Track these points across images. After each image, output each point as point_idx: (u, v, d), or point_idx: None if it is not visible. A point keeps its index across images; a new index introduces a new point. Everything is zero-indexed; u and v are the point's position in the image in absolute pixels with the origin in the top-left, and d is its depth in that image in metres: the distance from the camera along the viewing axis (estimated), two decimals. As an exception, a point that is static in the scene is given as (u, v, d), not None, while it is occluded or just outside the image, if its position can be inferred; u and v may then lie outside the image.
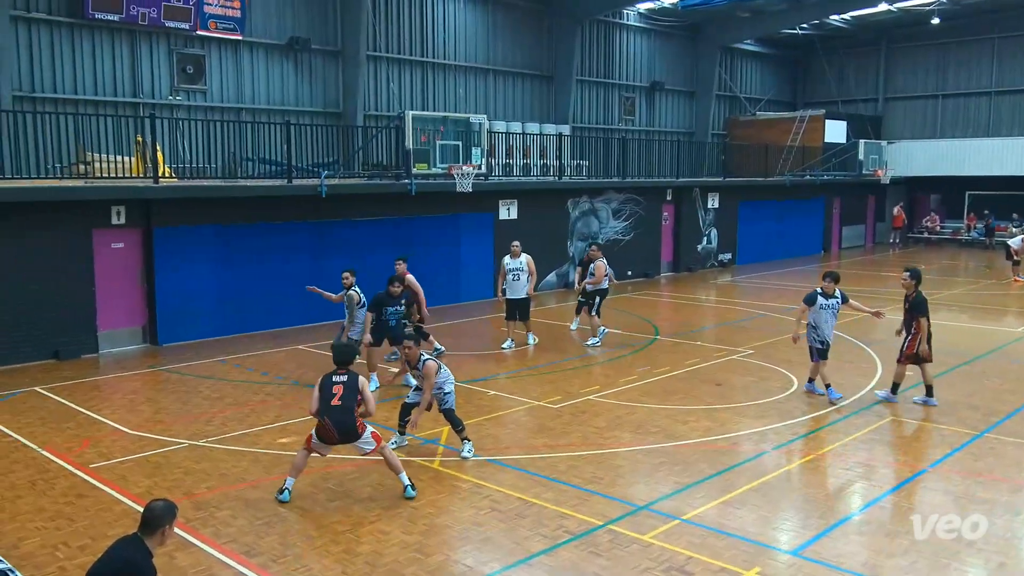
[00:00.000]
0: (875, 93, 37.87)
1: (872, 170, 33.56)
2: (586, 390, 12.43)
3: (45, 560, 7.02)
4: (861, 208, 36.79)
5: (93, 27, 18.14)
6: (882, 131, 37.25)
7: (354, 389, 8.24)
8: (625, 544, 7.31)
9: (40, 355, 14.27)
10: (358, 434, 8.26)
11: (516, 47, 26.99)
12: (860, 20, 34.22)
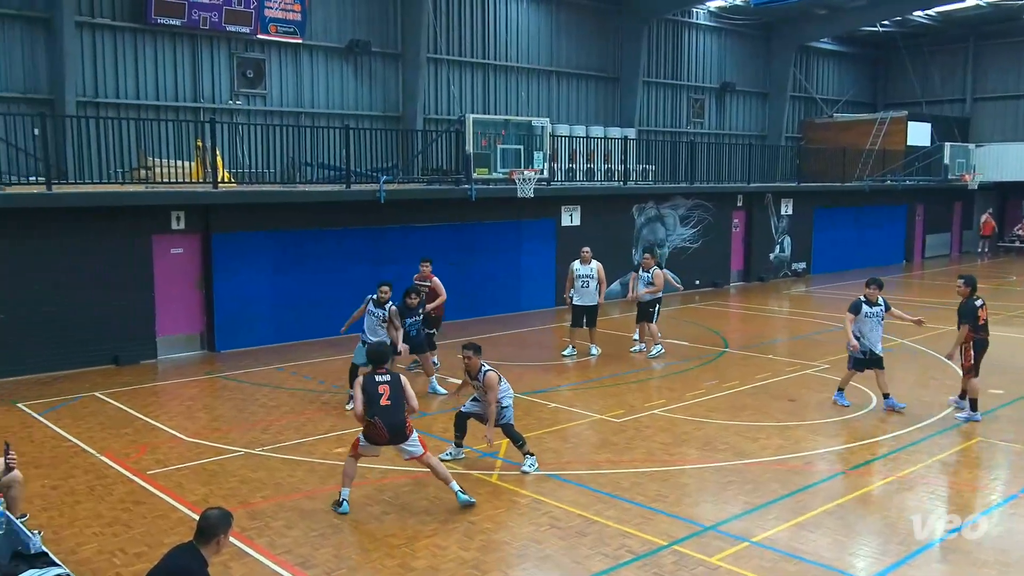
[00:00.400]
0: (962, 93, 36.82)
1: (959, 175, 32.56)
2: (650, 404, 12.32)
3: (102, 566, 7.22)
4: (946, 215, 35.78)
5: (155, 32, 18.71)
6: (970, 133, 36.18)
7: (399, 387, 8.34)
8: (691, 566, 7.21)
9: (100, 360, 14.72)
10: (407, 435, 8.34)
11: (580, 48, 26.98)
12: (946, 16, 33.31)
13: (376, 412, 8.26)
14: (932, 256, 34.49)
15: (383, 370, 8.44)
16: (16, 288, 13.88)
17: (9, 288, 13.82)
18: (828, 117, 35.44)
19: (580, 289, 15.51)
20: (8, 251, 13.82)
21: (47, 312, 14.15)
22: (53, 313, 14.20)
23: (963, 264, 32.92)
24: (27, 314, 13.99)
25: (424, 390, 12.65)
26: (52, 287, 14.18)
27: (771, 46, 33.00)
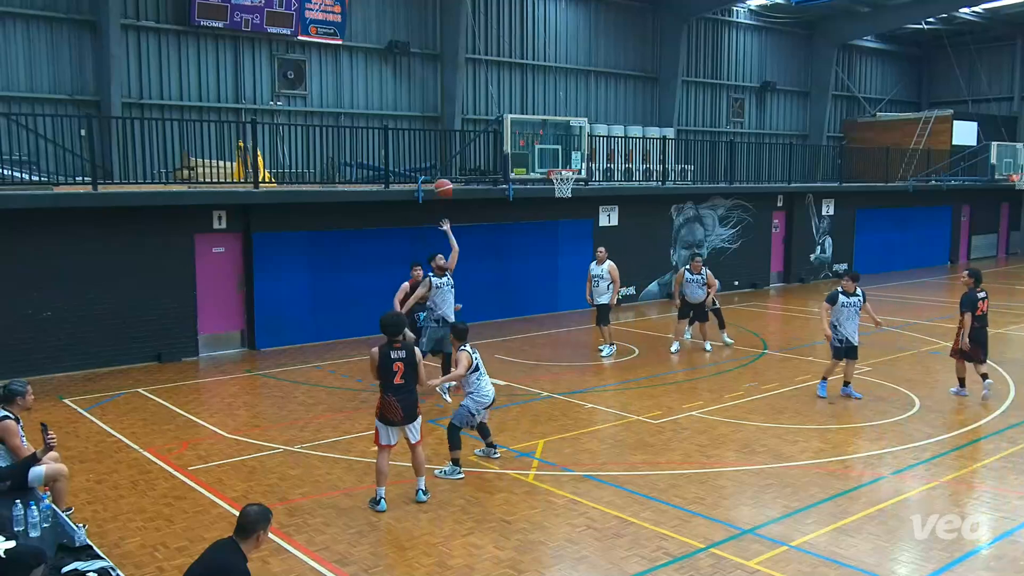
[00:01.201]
0: (1010, 91, 36.05)
1: (1006, 175, 31.87)
2: (688, 405, 12.24)
3: (144, 560, 7.34)
4: (993, 216, 35.09)
5: (199, 34, 18.98)
6: (1017, 132, 35.41)
7: (413, 366, 8.40)
8: (728, 569, 7.15)
9: (143, 357, 14.99)
10: (417, 415, 8.48)
11: (619, 47, 26.88)
12: (993, 13, 32.62)
13: (390, 390, 8.32)
14: (978, 257, 33.82)
15: (399, 344, 8.40)
16: (62, 286, 14.17)
17: (56, 286, 14.12)
18: (871, 116, 34.91)
19: (594, 288, 15.77)
20: (54, 250, 14.11)
21: (92, 310, 14.44)
22: (97, 311, 14.49)
23: (1010, 266, 32.26)
24: (72, 312, 14.29)
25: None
26: (97, 285, 14.46)
27: (813, 44, 32.60)
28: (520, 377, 13.97)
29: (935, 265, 31.34)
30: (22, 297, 13.92)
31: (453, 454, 9.49)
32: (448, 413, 10.46)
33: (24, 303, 13.94)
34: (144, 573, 7.13)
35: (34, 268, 13.96)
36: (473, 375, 9.57)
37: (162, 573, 7.12)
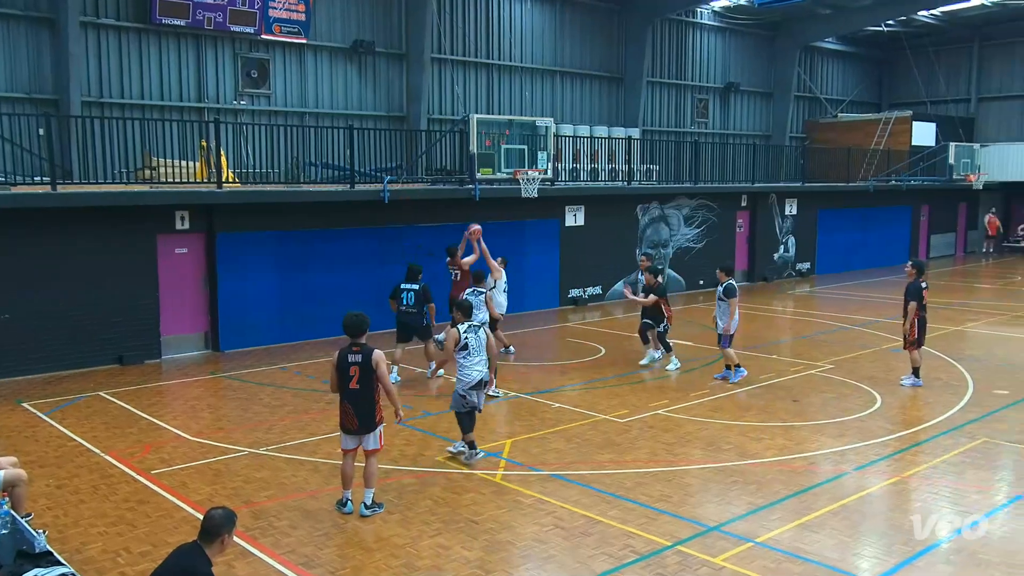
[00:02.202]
0: (967, 93, 36.76)
1: (963, 175, 32.51)
2: (654, 404, 12.32)
3: (107, 565, 7.24)
4: (951, 215, 35.74)
5: (160, 32, 18.74)
6: (975, 133, 36.11)
7: (370, 372, 8.11)
8: (695, 567, 7.21)
9: (105, 360, 14.76)
10: (375, 424, 8.21)
11: (584, 48, 26.98)
12: (951, 16, 33.24)
13: (346, 395, 8.18)
14: (937, 256, 34.44)
15: (358, 347, 8.19)
16: (21, 288, 13.92)
17: (14, 288, 13.86)
18: (832, 117, 35.39)
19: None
20: (13, 251, 13.85)
21: (52, 312, 14.20)
22: (58, 313, 14.26)
23: (968, 264, 32.88)
24: (32, 314, 14.04)
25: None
26: (57, 287, 14.22)
27: (775, 46, 32.98)
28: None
29: (895, 264, 31.79)
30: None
31: (465, 437, 9.65)
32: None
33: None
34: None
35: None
36: (461, 354, 9.64)
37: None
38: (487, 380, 9.95)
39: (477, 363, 9.75)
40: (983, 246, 35.97)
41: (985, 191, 34.44)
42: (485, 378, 9.86)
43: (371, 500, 8.33)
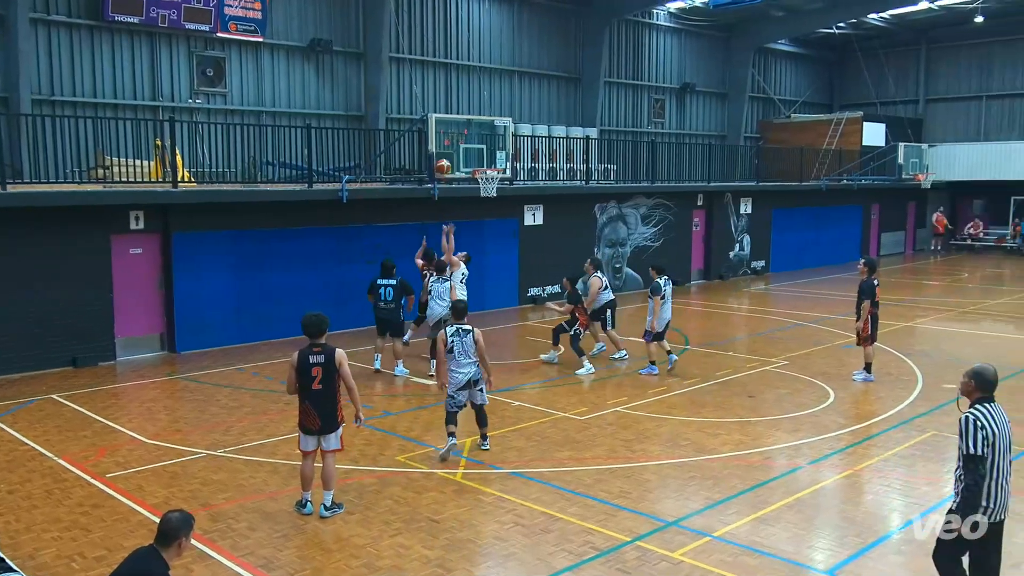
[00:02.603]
0: (915, 94, 37.51)
1: (912, 174, 33.18)
2: (613, 401, 12.39)
3: (61, 571, 7.09)
4: (901, 214, 36.44)
5: (113, 29, 18.40)
6: (923, 134, 36.87)
7: (332, 372, 8.05)
8: (654, 562, 7.26)
9: (57, 362, 14.46)
10: (336, 425, 8.15)
11: (542, 48, 27.03)
12: (899, 19, 33.91)
13: (308, 396, 8.09)
14: (887, 254, 35.09)
15: (319, 348, 8.11)
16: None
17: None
18: (786, 117, 35.89)
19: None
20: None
21: (1, 314, 13.87)
22: (8, 315, 13.92)
23: (917, 262, 33.55)
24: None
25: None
26: (7, 288, 13.89)
27: (730, 47, 33.34)
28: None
29: (847, 262, 32.35)
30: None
31: (447, 428, 9.91)
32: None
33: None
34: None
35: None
36: (449, 356, 9.84)
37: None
38: (476, 379, 10.00)
39: (464, 365, 9.87)
40: (931, 244, 36.73)
41: (933, 190, 35.19)
42: (474, 378, 9.95)
43: (331, 501, 8.26)
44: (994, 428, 5.81)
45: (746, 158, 31.40)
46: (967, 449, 5.80)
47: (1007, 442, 5.89)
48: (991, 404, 5.93)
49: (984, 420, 5.82)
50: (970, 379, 6.04)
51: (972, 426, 5.80)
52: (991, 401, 5.95)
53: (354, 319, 17.73)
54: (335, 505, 8.28)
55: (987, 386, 5.97)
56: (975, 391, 6.00)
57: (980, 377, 5.99)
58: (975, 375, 6.01)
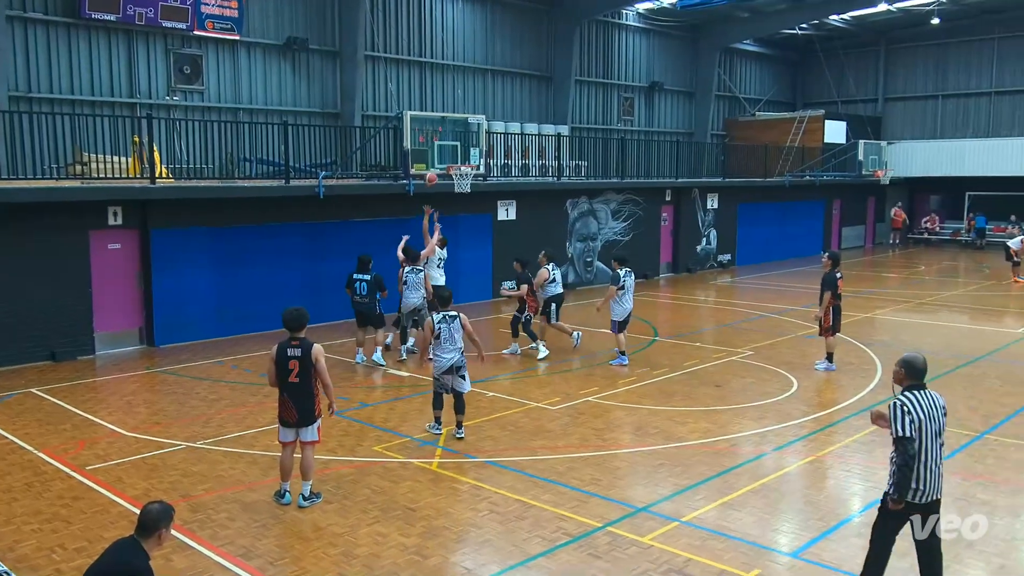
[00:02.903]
0: (875, 94, 37.93)
1: (872, 171, 33.58)
2: (584, 391, 12.43)
3: (41, 563, 7.01)
4: (861, 209, 36.84)
5: (90, 27, 18.13)
6: (882, 131, 37.31)
7: (308, 366, 8.00)
8: (624, 546, 7.30)
9: (36, 356, 14.26)
10: (314, 417, 8.13)
11: (514, 47, 27.00)
12: (859, 20, 34.27)
13: (285, 389, 8.08)
14: (848, 247, 35.46)
15: (297, 341, 8.09)
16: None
17: (-60, 285, 13.29)
18: (751, 116, 36.15)
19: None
20: (-61, 248, 13.28)
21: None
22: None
23: (876, 255, 33.95)
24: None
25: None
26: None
27: (697, 47, 33.49)
28: (423, 368, 13.89)
29: (810, 255, 32.69)
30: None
31: (434, 412, 10.34)
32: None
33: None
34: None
35: (-84, 267, 13.12)
36: (434, 342, 10.03)
37: (60, 575, 6.81)
38: (459, 366, 10.14)
39: (448, 351, 10.05)
40: (890, 238, 37.17)
41: (892, 186, 35.67)
42: (456, 364, 10.11)
43: (308, 491, 8.22)
44: (921, 414, 5.96)
45: (713, 155, 31.59)
46: (895, 432, 5.96)
47: (937, 427, 6.03)
48: (921, 391, 6.07)
49: (911, 406, 5.96)
50: (900, 367, 6.19)
51: (900, 411, 5.96)
52: (921, 388, 6.09)
53: (331, 313, 17.68)
54: (313, 495, 8.25)
55: (916, 374, 6.13)
56: (905, 379, 6.15)
57: (910, 366, 6.15)
58: (905, 364, 6.17)
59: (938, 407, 6.09)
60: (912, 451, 5.89)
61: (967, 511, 8.02)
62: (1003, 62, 34.65)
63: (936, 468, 6.02)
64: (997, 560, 7.09)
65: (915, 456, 5.89)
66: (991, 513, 7.98)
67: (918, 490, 5.97)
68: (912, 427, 5.90)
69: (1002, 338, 16.73)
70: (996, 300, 21.95)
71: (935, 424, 6.03)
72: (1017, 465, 9.38)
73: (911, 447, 5.89)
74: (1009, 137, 34.17)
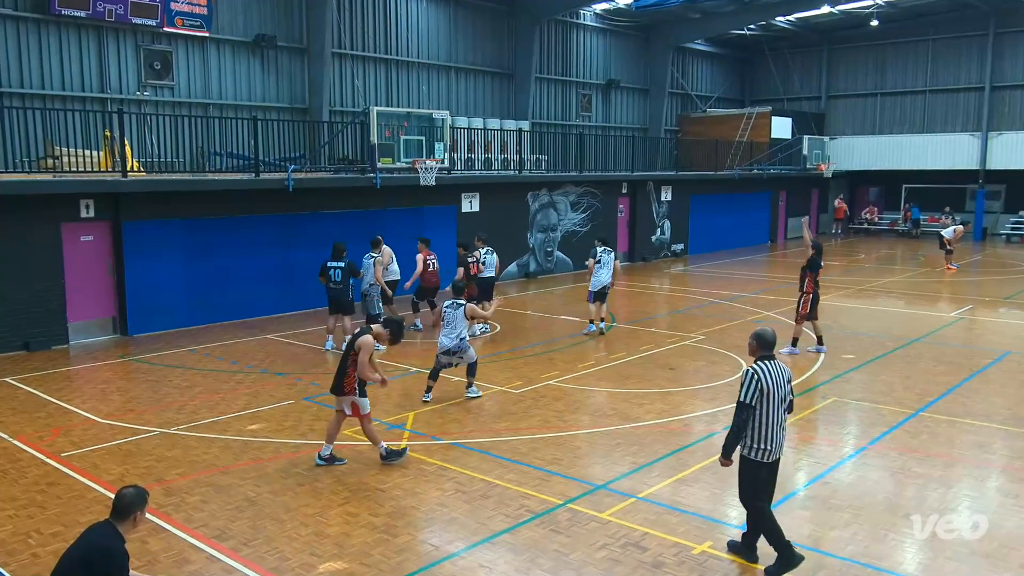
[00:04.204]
0: (818, 91, 38.40)
1: (816, 164, 34.05)
2: (546, 375, 12.47)
3: (18, 547, 6.88)
4: (806, 201, 37.31)
5: (60, 23, 17.67)
6: (825, 127, 37.81)
7: (348, 349, 8.73)
8: (584, 522, 7.36)
9: (10, 347, 13.94)
10: (342, 390, 8.67)
11: (477, 46, 26.87)
12: (804, 22, 34.64)
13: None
14: (794, 237, 35.95)
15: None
16: (-80, 277, 12.97)
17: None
18: (702, 112, 36.39)
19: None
20: (-89, 240, 12.89)
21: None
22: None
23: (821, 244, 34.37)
24: (-68, 302, 13.12)
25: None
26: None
27: (651, 46, 33.60)
28: (392, 354, 13.84)
29: (758, 244, 33.10)
30: None
31: (428, 382, 11.24)
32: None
33: None
34: (18, 560, 6.67)
35: None
36: (441, 324, 11.19)
37: (37, 560, 6.69)
38: (456, 350, 11.11)
39: (448, 335, 11.04)
40: (832, 228, 37.73)
41: (834, 179, 36.20)
42: (453, 348, 11.08)
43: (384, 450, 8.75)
44: (768, 381, 6.33)
45: (666, 149, 31.77)
46: (740, 397, 6.37)
47: (782, 393, 6.40)
48: (771, 361, 6.45)
49: (762, 375, 6.34)
50: (753, 340, 6.59)
51: (749, 379, 6.36)
52: (771, 359, 6.47)
53: (301, 302, 17.53)
54: (387, 453, 8.77)
55: (767, 345, 6.53)
56: (757, 350, 6.54)
57: (761, 339, 6.55)
58: (757, 337, 6.58)
59: (784, 376, 6.47)
60: (745, 416, 6.33)
61: (904, 484, 8.20)
62: (937, 62, 35.27)
63: (781, 431, 6.45)
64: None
65: (747, 422, 6.32)
66: (925, 485, 8.17)
67: (766, 450, 6.39)
68: (756, 396, 6.29)
69: (936, 321, 17.11)
70: (931, 286, 22.42)
71: (780, 392, 6.40)
72: (949, 440, 9.61)
73: (745, 413, 6.32)
74: (943, 133, 34.87)
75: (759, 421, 6.32)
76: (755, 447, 6.38)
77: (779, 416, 6.38)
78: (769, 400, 6.30)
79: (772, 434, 6.35)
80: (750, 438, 6.37)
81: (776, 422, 6.36)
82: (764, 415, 6.31)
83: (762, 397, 6.29)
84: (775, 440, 6.38)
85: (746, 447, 6.42)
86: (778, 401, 6.36)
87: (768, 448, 6.37)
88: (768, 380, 6.31)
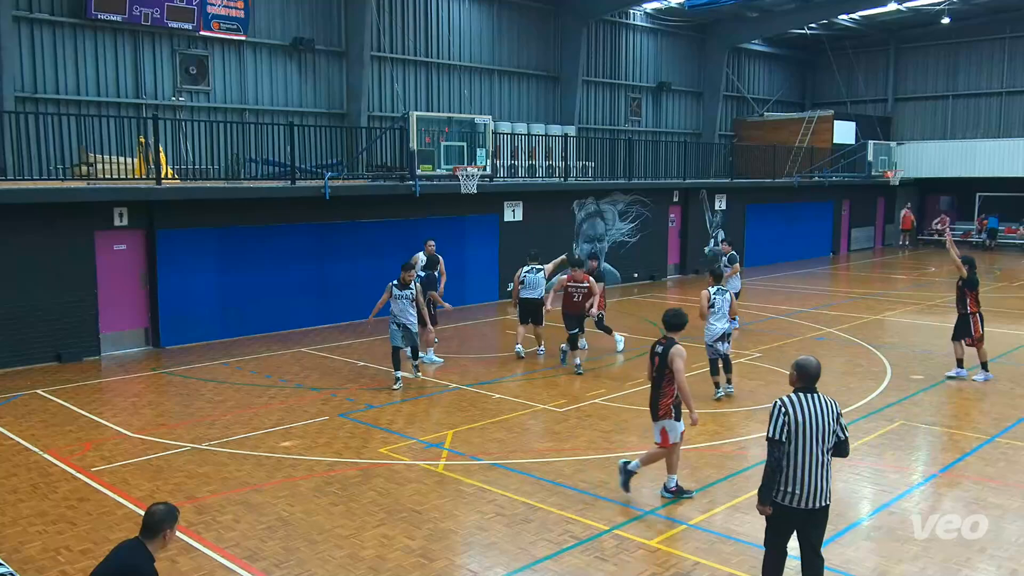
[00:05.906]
0: (884, 94, 37.82)
1: (882, 171, 33.47)
2: (592, 393, 12.42)
3: (47, 564, 7.03)
4: (870, 210, 36.74)
5: (96, 27, 18.20)
6: (892, 132, 37.20)
7: (663, 365, 8.34)
8: (631, 549, 7.29)
9: (42, 358, 14.31)
10: (656, 416, 8.42)
11: (521, 47, 27.00)
12: (869, 20, 34.17)
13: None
14: (857, 249, 35.39)
15: (664, 340, 8.50)
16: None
17: (-54, 286, 13.33)
18: (759, 116, 36.06)
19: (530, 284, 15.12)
20: (-55, 248, 13.32)
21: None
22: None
23: (886, 256, 33.84)
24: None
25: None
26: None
27: (705, 47, 33.44)
28: (429, 370, 13.90)
29: (819, 256, 32.62)
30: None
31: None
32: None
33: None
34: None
35: (-78, 268, 13.16)
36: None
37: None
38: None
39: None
40: (899, 239, 37.06)
41: (901, 187, 35.55)
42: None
43: (674, 484, 8.47)
44: (799, 416, 5.89)
45: (721, 155, 31.54)
46: (767, 432, 5.99)
47: (817, 433, 5.88)
48: (806, 394, 6.00)
49: (789, 407, 5.93)
50: (794, 370, 6.17)
51: (776, 411, 5.97)
52: (810, 392, 6.02)
53: (336, 314, 17.72)
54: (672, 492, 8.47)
55: (808, 378, 6.06)
56: (796, 381, 6.12)
57: (802, 369, 6.09)
58: (798, 367, 6.13)
59: (827, 412, 5.95)
60: (777, 454, 5.90)
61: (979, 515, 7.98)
62: (1014, 61, 34.51)
63: (818, 472, 5.89)
64: (1009, 564, 7.05)
65: (780, 459, 5.89)
66: (1002, 516, 7.94)
67: (795, 494, 5.91)
68: (783, 430, 5.89)
69: (1013, 340, 16.65)
70: (1008, 302, 21.85)
71: (818, 430, 5.88)
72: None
73: (777, 450, 5.91)
74: (1020, 137, 34.03)
75: (788, 460, 5.87)
76: (782, 489, 5.93)
77: (816, 456, 5.85)
78: (802, 437, 5.86)
79: (804, 476, 5.84)
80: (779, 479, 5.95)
81: (811, 463, 5.84)
82: (795, 454, 5.85)
83: (794, 432, 5.85)
84: (809, 484, 5.85)
85: (774, 488, 5.97)
86: (815, 439, 5.84)
87: (798, 492, 5.87)
88: (800, 414, 5.85)
